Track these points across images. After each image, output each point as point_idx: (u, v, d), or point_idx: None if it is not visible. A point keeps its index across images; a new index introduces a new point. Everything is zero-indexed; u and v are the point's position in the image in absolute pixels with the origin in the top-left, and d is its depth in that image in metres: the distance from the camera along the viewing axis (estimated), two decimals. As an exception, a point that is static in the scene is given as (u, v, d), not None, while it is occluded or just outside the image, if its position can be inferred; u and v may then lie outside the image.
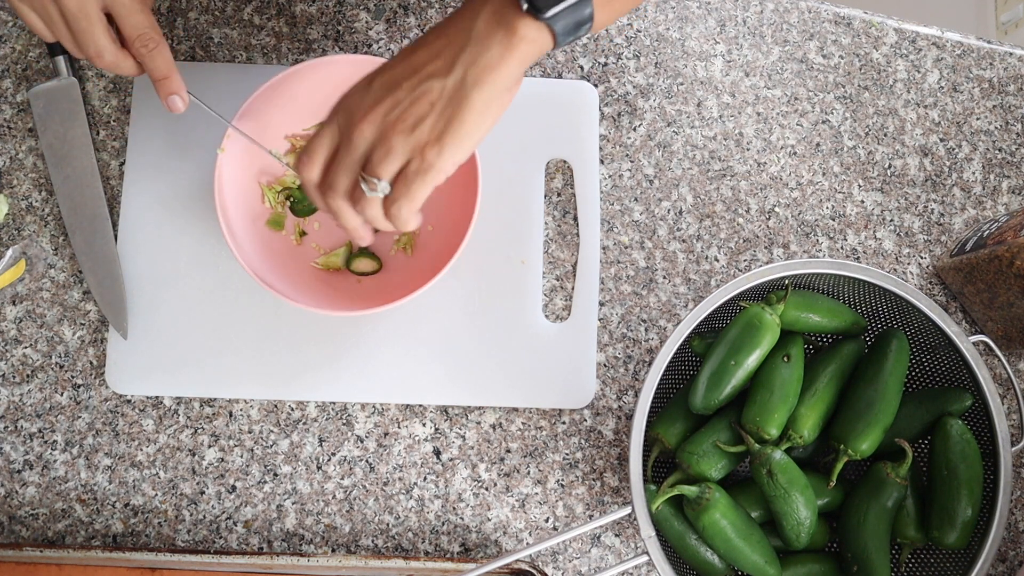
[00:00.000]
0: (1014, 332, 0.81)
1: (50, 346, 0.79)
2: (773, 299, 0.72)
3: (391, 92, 0.53)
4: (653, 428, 0.74)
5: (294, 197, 0.80)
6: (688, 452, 0.71)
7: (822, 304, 0.74)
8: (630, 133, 0.86)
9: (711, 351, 0.72)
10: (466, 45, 0.52)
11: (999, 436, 0.71)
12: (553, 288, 0.82)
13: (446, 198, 0.76)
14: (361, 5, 0.87)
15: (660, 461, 0.77)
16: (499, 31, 0.52)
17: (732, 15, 0.89)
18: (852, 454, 0.71)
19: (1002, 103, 0.89)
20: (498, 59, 0.53)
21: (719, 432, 0.72)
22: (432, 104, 0.53)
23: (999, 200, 0.87)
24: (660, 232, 0.84)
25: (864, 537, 0.71)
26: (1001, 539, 0.70)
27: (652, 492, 0.71)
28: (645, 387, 0.70)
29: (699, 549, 0.71)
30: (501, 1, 0.52)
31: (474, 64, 0.53)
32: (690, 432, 0.74)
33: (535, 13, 0.52)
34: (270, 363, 0.79)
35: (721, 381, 0.70)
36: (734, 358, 0.70)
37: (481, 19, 0.53)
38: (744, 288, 0.71)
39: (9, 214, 0.81)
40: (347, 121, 0.55)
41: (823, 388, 0.73)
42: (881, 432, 0.71)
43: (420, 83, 0.53)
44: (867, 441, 0.70)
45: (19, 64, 0.83)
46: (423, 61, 0.53)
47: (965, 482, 0.71)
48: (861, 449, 0.70)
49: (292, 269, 0.78)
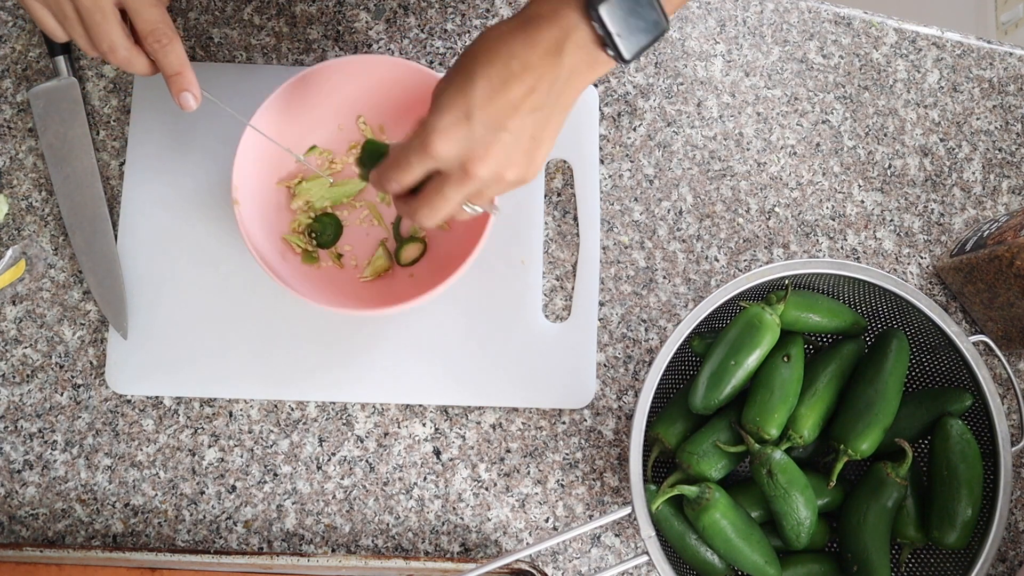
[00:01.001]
0: (1014, 332, 0.81)
1: (50, 346, 0.79)
2: (773, 299, 0.72)
3: (499, 133, 0.56)
4: (653, 428, 0.74)
5: (316, 232, 0.80)
6: (688, 452, 0.71)
7: (822, 304, 0.74)
8: (630, 133, 0.86)
9: (711, 351, 0.72)
10: (556, 81, 0.56)
11: (999, 436, 0.71)
12: (553, 288, 0.83)
13: None
14: (361, 5, 0.87)
15: (660, 461, 0.77)
16: (586, 69, 0.56)
17: (732, 15, 0.89)
18: (852, 454, 0.71)
19: (1002, 103, 0.89)
20: (580, 90, 0.58)
21: (719, 432, 0.72)
22: (534, 138, 0.58)
23: (999, 200, 0.87)
24: (660, 232, 0.84)
25: (864, 537, 0.71)
26: (1001, 539, 0.70)
27: (652, 492, 0.71)
28: (645, 387, 0.70)
29: (699, 549, 0.71)
30: (585, 37, 0.55)
31: (563, 94, 0.57)
32: (690, 432, 0.74)
33: (621, 61, 0.56)
34: (270, 363, 0.79)
35: (721, 381, 0.70)
36: (734, 358, 0.70)
37: (568, 55, 0.55)
38: (744, 288, 0.71)
39: (9, 214, 0.81)
40: (461, 160, 0.57)
41: (823, 388, 0.73)
42: (881, 432, 0.71)
43: (524, 121, 0.56)
44: (867, 441, 0.70)
45: (19, 64, 0.83)
46: (520, 97, 0.56)
47: (965, 482, 0.71)
48: (861, 449, 0.70)
49: (339, 288, 0.78)
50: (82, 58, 0.84)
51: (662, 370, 0.70)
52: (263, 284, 0.80)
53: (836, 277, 0.73)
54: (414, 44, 0.86)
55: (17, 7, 0.84)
